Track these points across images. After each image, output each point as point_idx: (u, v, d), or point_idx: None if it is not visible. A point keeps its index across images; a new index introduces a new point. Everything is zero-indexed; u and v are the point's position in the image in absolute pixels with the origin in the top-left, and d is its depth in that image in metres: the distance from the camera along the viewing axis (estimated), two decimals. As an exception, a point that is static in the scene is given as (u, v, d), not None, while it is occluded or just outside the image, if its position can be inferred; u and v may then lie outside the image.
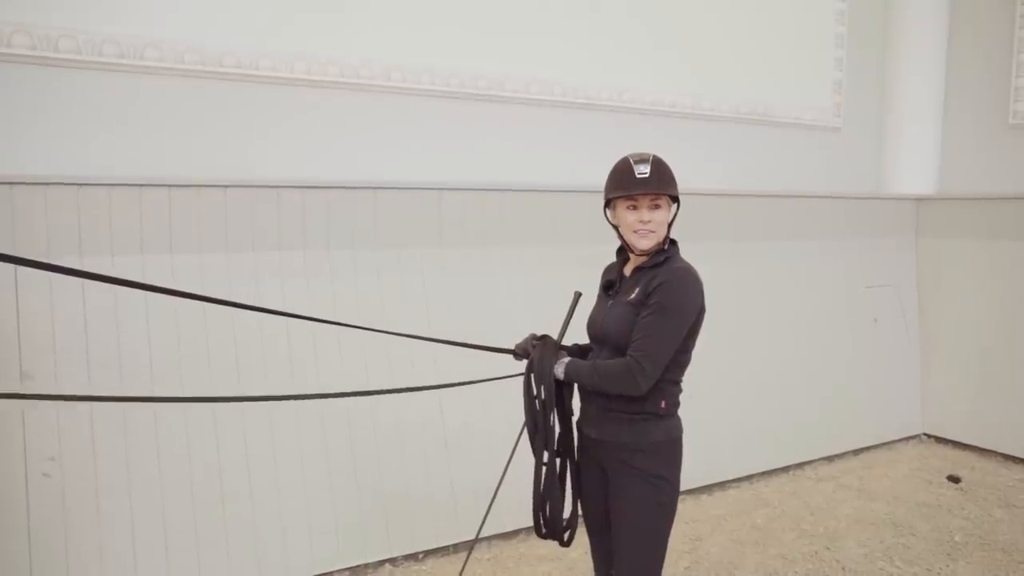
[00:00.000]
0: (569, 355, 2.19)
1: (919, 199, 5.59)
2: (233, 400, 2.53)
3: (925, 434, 5.39)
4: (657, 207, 2.07)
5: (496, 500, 2.52)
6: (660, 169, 2.07)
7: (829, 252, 5.24)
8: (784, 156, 5.46)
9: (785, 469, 4.71)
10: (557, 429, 2.20)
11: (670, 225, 2.12)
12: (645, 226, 2.06)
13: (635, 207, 2.08)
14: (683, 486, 4.26)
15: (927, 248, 5.52)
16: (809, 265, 5.14)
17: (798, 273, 5.07)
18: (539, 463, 2.18)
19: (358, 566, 3.38)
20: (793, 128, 5.49)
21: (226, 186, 3.35)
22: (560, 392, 2.19)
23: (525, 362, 2.21)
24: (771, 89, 5.33)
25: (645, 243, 2.09)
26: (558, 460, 2.23)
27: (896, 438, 5.28)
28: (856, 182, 5.82)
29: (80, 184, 3.06)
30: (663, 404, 2.08)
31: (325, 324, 2.33)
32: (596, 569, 2.35)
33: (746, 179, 5.19)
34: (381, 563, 3.42)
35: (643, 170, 2.06)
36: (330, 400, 3.35)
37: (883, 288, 5.42)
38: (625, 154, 2.15)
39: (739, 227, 4.83)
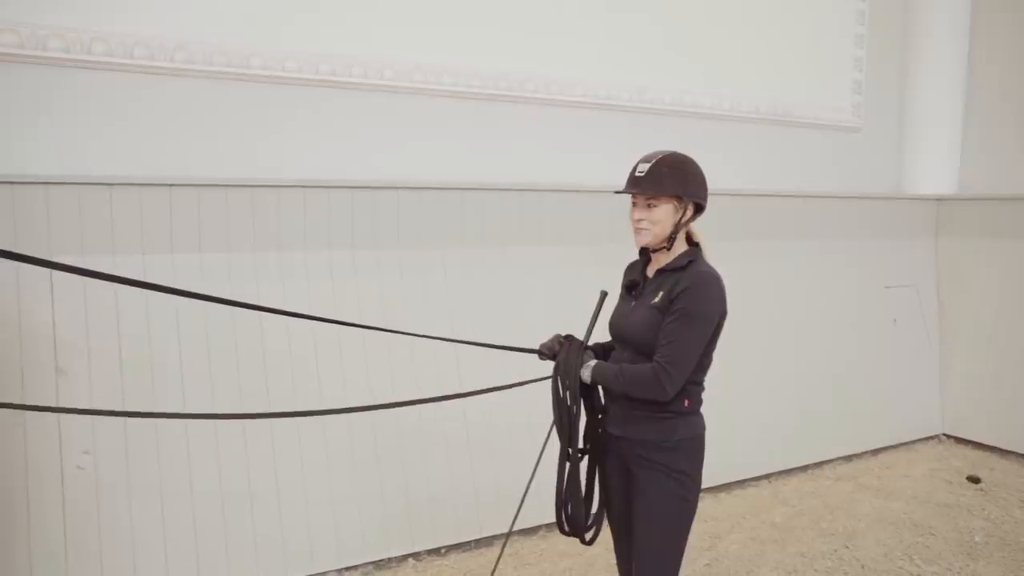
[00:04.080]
0: (595, 355, 2.23)
1: (939, 199, 5.57)
2: (262, 416, 2.59)
3: (944, 434, 5.38)
4: (653, 206, 2.10)
5: (516, 496, 2.56)
6: (659, 170, 2.08)
7: (849, 252, 5.24)
8: (803, 156, 5.46)
9: (804, 468, 4.73)
10: (583, 429, 2.25)
11: (678, 226, 2.11)
12: (638, 223, 2.12)
13: (634, 203, 2.13)
14: (702, 484, 4.29)
15: (947, 248, 5.50)
16: (829, 265, 5.14)
17: (818, 273, 5.07)
18: (563, 462, 2.22)
19: (382, 560, 3.43)
20: (812, 128, 5.49)
21: (253, 186, 3.41)
22: (589, 393, 2.23)
23: (551, 363, 2.25)
24: (790, 89, 5.33)
25: (639, 239, 2.15)
26: (586, 459, 2.27)
27: (915, 438, 5.27)
28: (875, 182, 5.81)
29: (112, 184, 3.13)
30: (686, 403, 2.11)
31: (349, 319, 2.39)
32: (619, 566, 2.38)
33: (765, 179, 5.19)
34: (404, 557, 3.47)
35: (642, 169, 2.10)
36: (355, 399, 3.41)
37: (903, 288, 5.41)
38: (644, 154, 2.19)
39: (758, 227, 4.84)
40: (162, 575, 3.02)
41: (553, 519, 2.30)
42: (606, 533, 2.36)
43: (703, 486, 4.28)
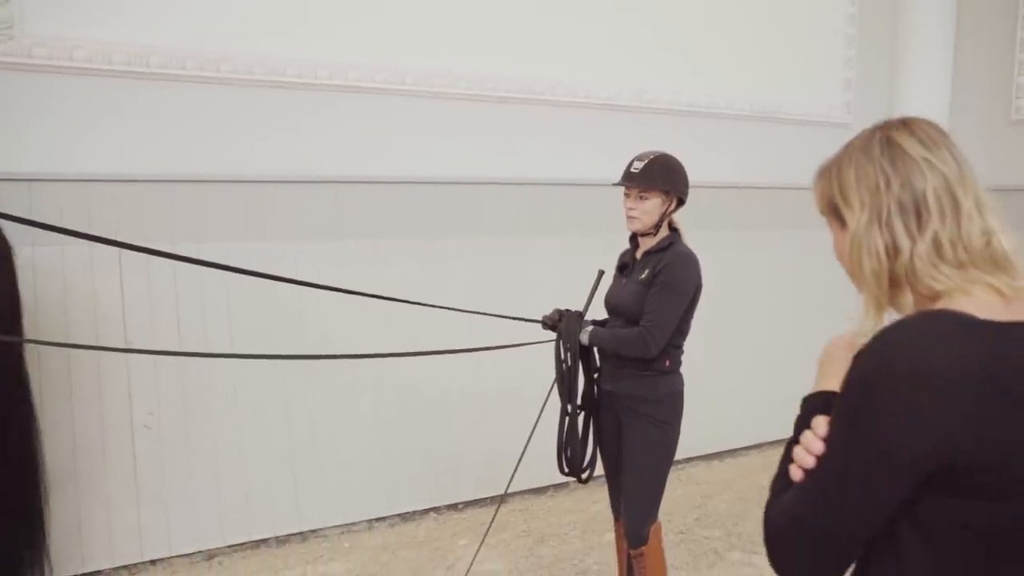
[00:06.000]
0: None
1: (925, 191, 5.90)
2: (299, 358, 3.02)
3: (929, 411, 5.73)
4: (644, 199, 2.48)
5: (528, 459, 2.96)
6: (652, 167, 2.47)
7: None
8: (797, 151, 5.78)
9: (793, 440, 5.10)
10: (582, 387, 2.66)
11: (664, 215, 2.51)
12: (630, 212, 2.51)
13: (627, 195, 2.52)
14: (697, 452, 4.70)
15: (932, 237, 5.84)
16: (821, 253, 5.45)
17: (810, 260, 5.40)
18: (563, 413, 2.64)
19: (407, 513, 3.87)
20: (805, 125, 5.82)
21: (293, 182, 3.85)
22: (586, 356, 2.64)
23: (551, 333, 2.67)
24: (784, 88, 5.67)
25: (630, 225, 2.54)
26: (582, 412, 2.68)
27: (900, 414, 5.62)
28: (866, 175, 6.14)
29: (171, 181, 3.57)
30: (667, 363, 2.52)
31: (379, 302, 2.82)
32: (612, 504, 2.80)
33: (761, 173, 5.53)
34: (426, 511, 3.91)
35: (636, 166, 2.50)
36: (384, 371, 3.85)
37: (890, 274, 5.75)
38: (638, 152, 2.59)
39: (754, 218, 5.22)
40: (216, 519, 3.48)
41: (560, 480, 2.72)
42: (601, 492, 2.76)
43: (697, 454, 4.70)
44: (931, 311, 0.93)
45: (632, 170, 2.51)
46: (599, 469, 2.75)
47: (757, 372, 5.03)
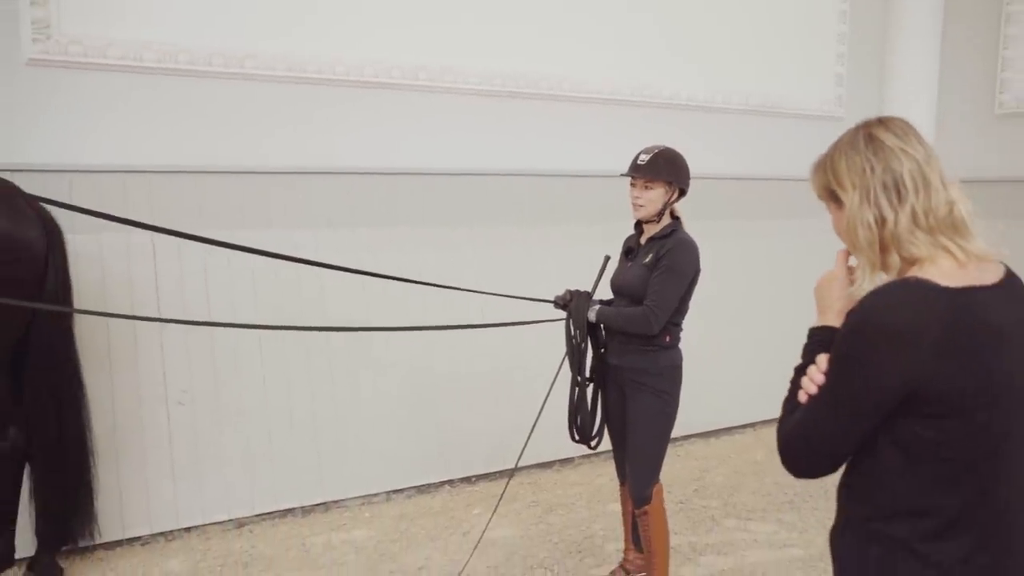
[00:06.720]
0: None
1: (914, 182, 6.14)
2: (320, 329, 3.24)
3: (916, 394, 5.98)
4: (648, 188, 2.70)
5: (535, 435, 3.19)
6: (657, 160, 2.69)
7: (832, 229, 5.81)
8: (791, 143, 6.01)
9: (786, 420, 5.35)
10: (590, 361, 2.90)
11: (666, 204, 2.73)
12: (636, 200, 2.73)
13: (634, 184, 2.74)
14: (695, 429, 4.94)
15: (921, 226, 6.08)
16: (814, 241, 5.70)
17: (803, 248, 5.65)
18: (573, 385, 2.88)
19: (422, 485, 4.11)
20: (799, 118, 6.04)
21: (310, 173, 4.07)
22: (593, 333, 2.88)
23: (562, 312, 2.91)
24: (779, 83, 5.90)
25: (636, 213, 2.76)
26: (591, 384, 2.92)
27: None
28: (857, 167, 6.37)
29: (201, 172, 3.79)
30: (667, 339, 2.75)
31: (396, 288, 3.05)
32: (618, 470, 3.04)
33: (757, 165, 5.76)
34: (441, 484, 4.16)
35: (643, 158, 2.72)
36: (400, 352, 4.08)
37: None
38: (647, 145, 2.81)
39: (751, 208, 5.45)
40: (246, 490, 3.72)
41: (566, 456, 2.95)
42: (606, 467, 3.00)
43: (695, 431, 4.94)
44: (905, 280, 1.20)
45: (639, 162, 2.74)
46: (606, 442, 2.99)
47: (752, 356, 5.26)
